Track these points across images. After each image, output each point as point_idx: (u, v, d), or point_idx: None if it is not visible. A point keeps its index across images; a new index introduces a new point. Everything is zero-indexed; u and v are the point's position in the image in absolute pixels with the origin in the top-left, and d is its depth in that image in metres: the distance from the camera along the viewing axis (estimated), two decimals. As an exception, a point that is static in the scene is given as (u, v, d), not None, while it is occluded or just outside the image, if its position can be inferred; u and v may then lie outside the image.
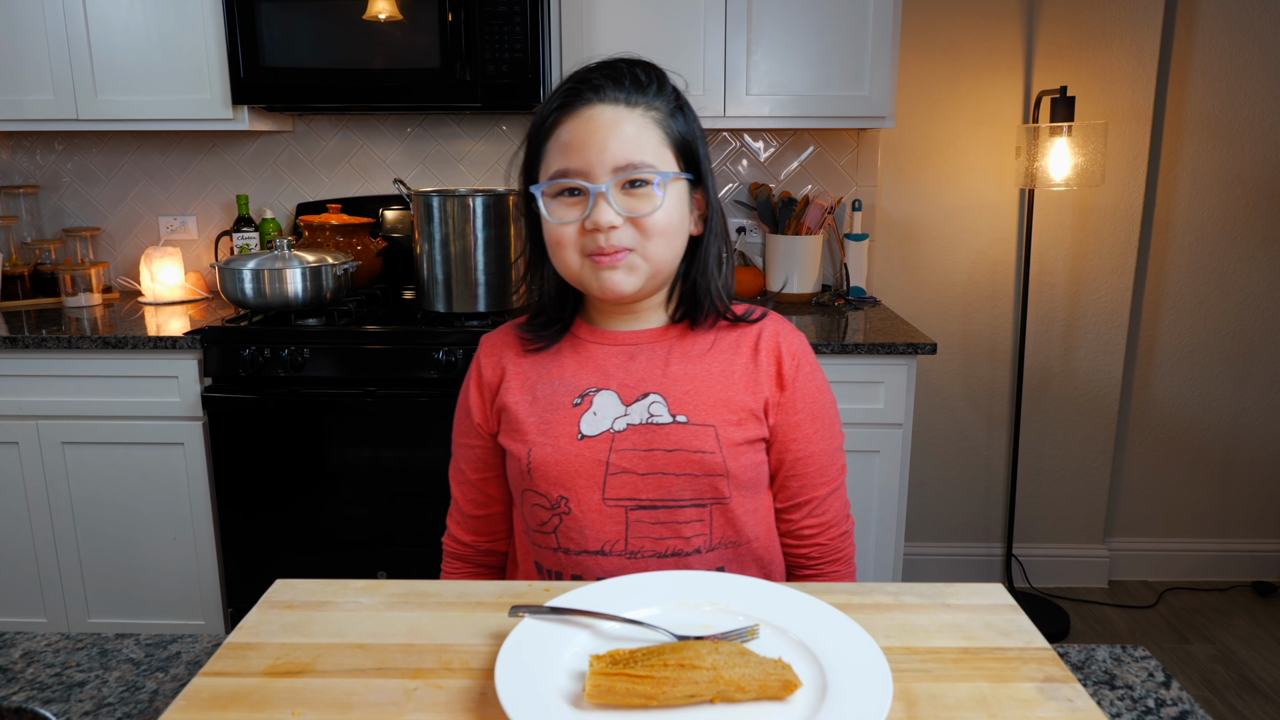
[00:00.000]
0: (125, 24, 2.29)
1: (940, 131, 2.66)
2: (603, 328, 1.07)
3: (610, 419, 1.00)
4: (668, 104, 0.99)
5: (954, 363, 2.79)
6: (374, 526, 2.18)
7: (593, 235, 0.96)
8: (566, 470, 0.99)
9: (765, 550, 1.06)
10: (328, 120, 2.70)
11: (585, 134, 0.95)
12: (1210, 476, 2.87)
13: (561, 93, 0.98)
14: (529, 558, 1.07)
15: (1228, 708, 2.25)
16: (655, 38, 2.28)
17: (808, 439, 1.04)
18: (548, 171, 0.99)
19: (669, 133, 0.98)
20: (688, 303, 1.05)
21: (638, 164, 0.94)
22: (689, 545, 1.00)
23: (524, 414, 1.03)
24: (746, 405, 1.01)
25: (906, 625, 0.79)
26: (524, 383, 1.05)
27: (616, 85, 0.96)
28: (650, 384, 1.02)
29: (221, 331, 2.13)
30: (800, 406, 1.04)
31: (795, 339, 1.07)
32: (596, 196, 0.94)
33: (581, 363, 1.05)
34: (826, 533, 1.08)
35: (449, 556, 1.17)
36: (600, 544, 1.00)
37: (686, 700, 0.66)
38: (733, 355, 1.04)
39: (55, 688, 0.78)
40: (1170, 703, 0.75)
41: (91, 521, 2.24)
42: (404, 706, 0.68)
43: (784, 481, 1.06)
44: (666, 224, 0.97)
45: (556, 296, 1.07)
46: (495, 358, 1.09)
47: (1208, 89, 2.63)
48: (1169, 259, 2.74)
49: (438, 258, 2.13)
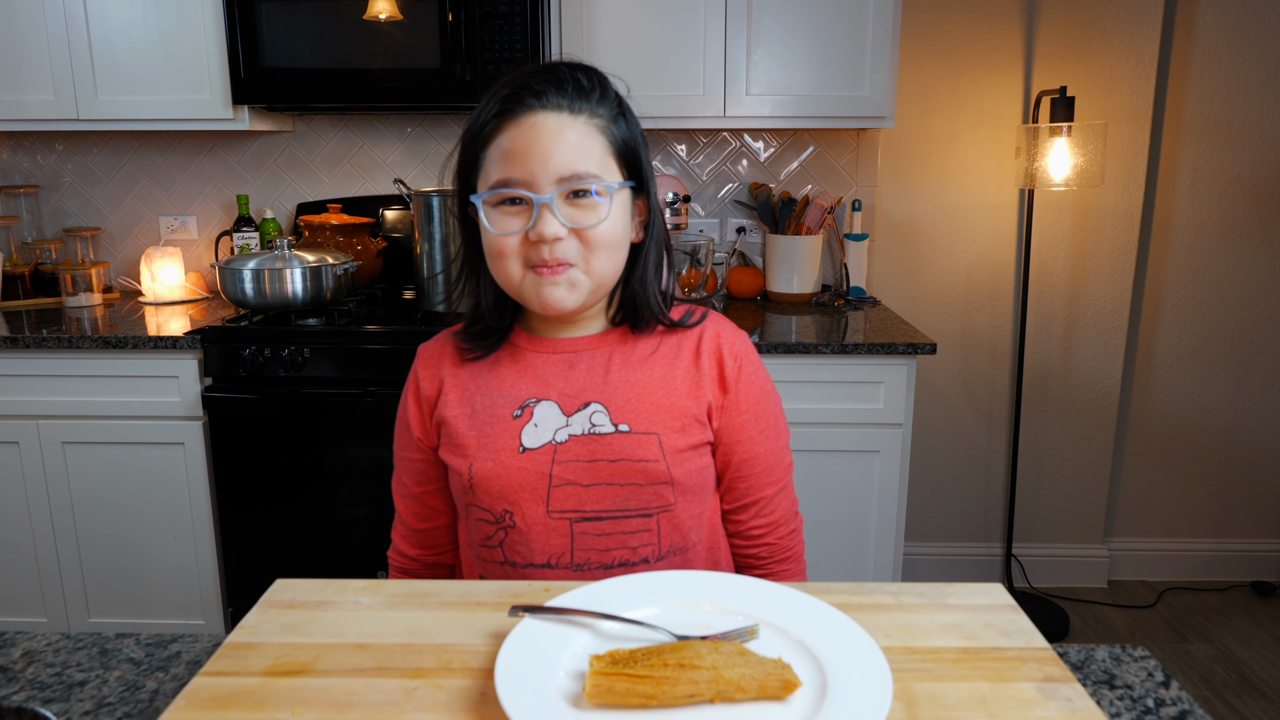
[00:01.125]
0: (126, 24, 2.29)
1: (940, 132, 2.66)
2: (541, 335, 1.04)
3: (552, 430, 0.98)
4: (610, 110, 0.96)
5: (954, 363, 2.79)
6: (374, 526, 2.18)
7: (536, 246, 0.93)
8: (509, 484, 0.97)
9: (711, 553, 1.05)
10: (328, 120, 2.70)
11: (528, 142, 0.92)
12: (1210, 476, 2.87)
13: (500, 98, 0.94)
14: (474, 571, 1.05)
15: (1227, 708, 2.25)
16: (655, 38, 2.28)
17: (753, 440, 1.03)
18: (488, 180, 0.95)
19: (612, 140, 0.95)
20: (627, 309, 1.03)
21: (582, 174, 0.92)
22: (636, 555, 0.98)
23: (463, 428, 1.00)
24: (689, 410, 0.99)
25: (906, 625, 0.79)
26: (462, 395, 1.03)
27: (559, 91, 0.93)
28: (591, 393, 0.99)
29: (221, 331, 2.13)
30: (744, 408, 1.02)
31: (737, 339, 1.05)
32: (540, 207, 0.91)
33: (520, 372, 1.02)
34: (775, 531, 1.07)
35: (395, 571, 1.14)
36: (546, 557, 0.98)
37: (686, 700, 0.66)
38: (674, 360, 1.02)
39: (55, 687, 0.78)
40: (1170, 703, 0.75)
41: (92, 521, 2.24)
42: (404, 706, 0.68)
43: (731, 483, 1.05)
44: (611, 236, 0.95)
45: (495, 304, 1.04)
46: (433, 369, 1.06)
47: (1207, 89, 2.63)
48: (1168, 259, 2.74)
49: (438, 258, 2.13)
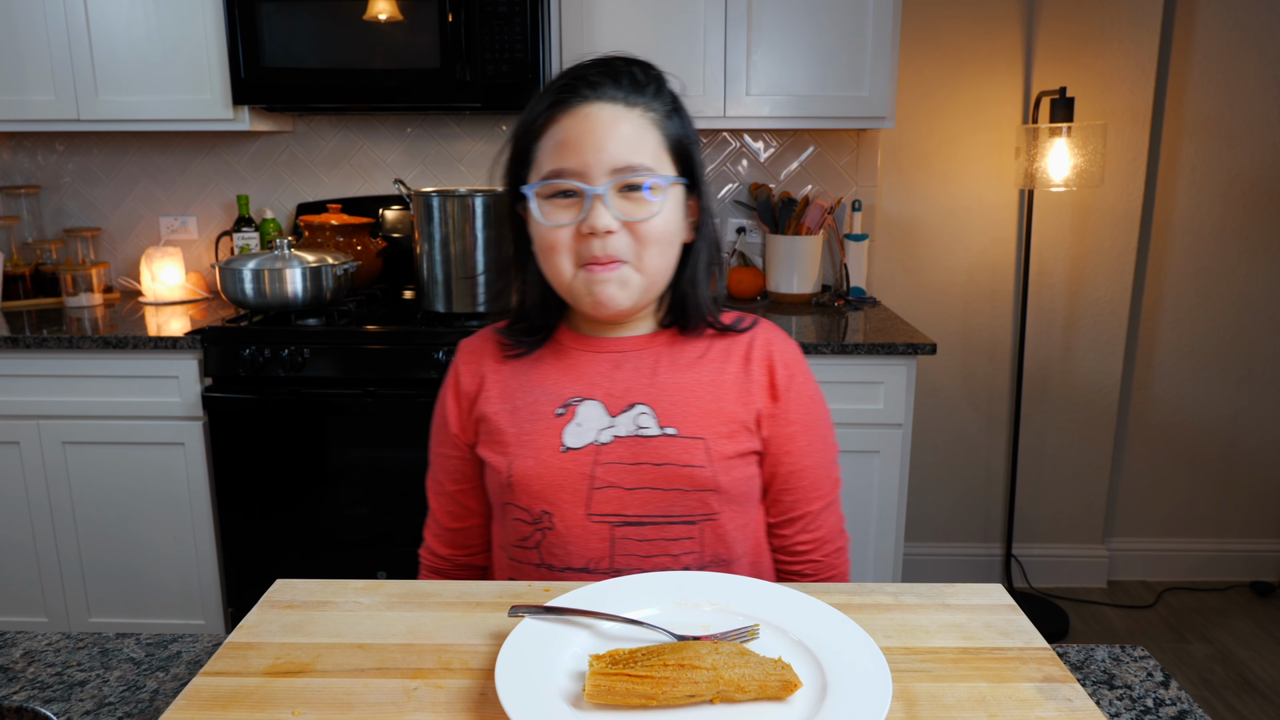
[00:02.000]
0: (126, 24, 2.29)
1: (940, 132, 2.66)
2: (587, 334, 1.02)
3: (595, 430, 0.96)
4: (665, 105, 0.95)
5: (954, 363, 2.79)
6: (374, 526, 2.18)
7: (587, 241, 0.91)
8: (549, 484, 0.95)
9: (754, 568, 1.02)
10: (328, 120, 2.70)
11: (581, 133, 0.91)
12: (1209, 476, 2.87)
13: (555, 89, 0.93)
14: (506, 574, 1.03)
15: (1226, 708, 2.25)
16: (655, 38, 2.29)
17: (802, 452, 1.00)
18: (540, 171, 0.94)
19: (667, 135, 0.94)
20: (676, 310, 1.01)
21: (636, 166, 0.91)
22: (677, 563, 0.96)
23: (504, 424, 0.98)
24: (738, 417, 0.97)
25: (906, 625, 0.79)
26: (504, 391, 1.01)
27: (615, 84, 0.92)
28: (637, 394, 0.97)
29: (222, 331, 2.13)
30: (794, 418, 1.00)
31: (788, 348, 1.03)
32: (593, 199, 0.90)
33: (564, 370, 1.00)
34: (821, 549, 1.04)
35: (425, 570, 1.12)
36: (585, 561, 0.95)
37: (686, 700, 0.66)
38: (723, 365, 1.00)
39: (56, 687, 0.78)
40: (1169, 702, 0.75)
41: (92, 521, 2.24)
42: (404, 706, 0.68)
43: (777, 496, 1.02)
44: (663, 231, 0.93)
45: (540, 302, 1.02)
46: (474, 365, 1.04)
47: (1207, 90, 2.63)
48: (1168, 259, 2.74)
49: (438, 258, 2.13)
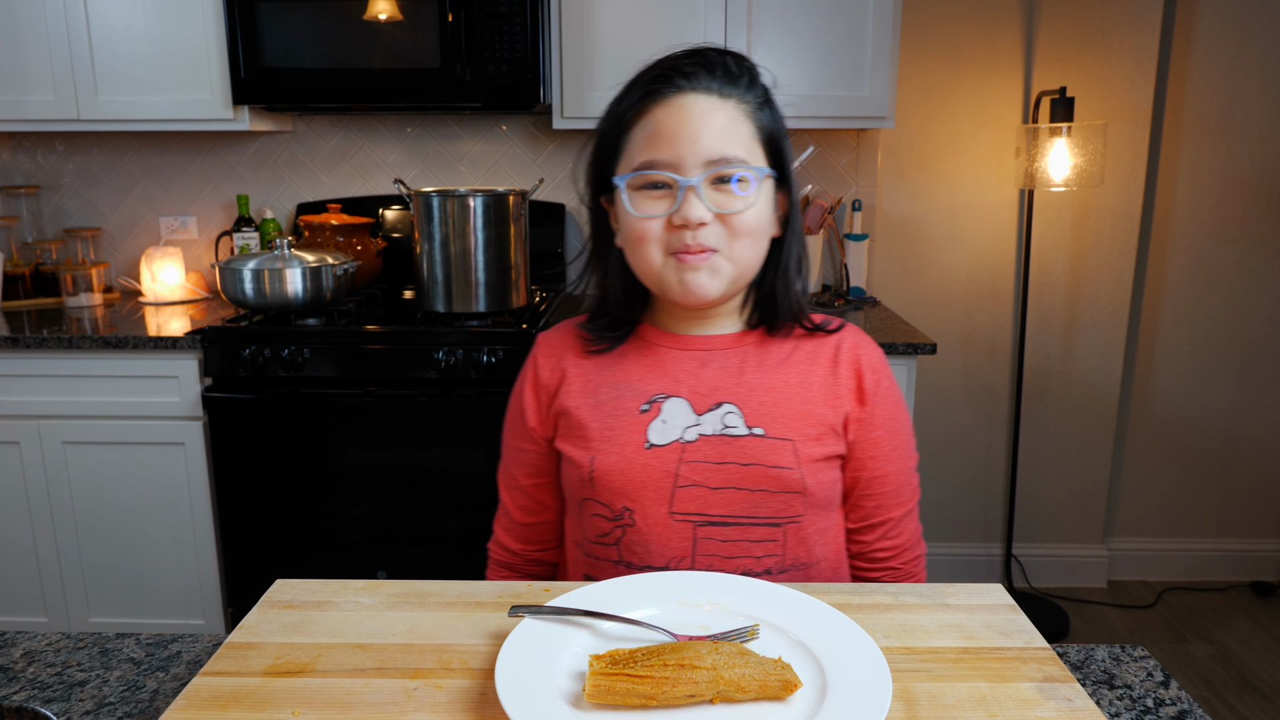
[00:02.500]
0: (126, 24, 2.29)
1: (940, 132, 2.66)
2: (673, 330, 1.01)
3: (681, 428, 0.95)
4: (758, 98, 0.94)
5: (954, 363, 2.79)
6: (374, 526, 2.18)
7: (678, 232, 0.90)
8: (632, 481, 0.94)
9: (834, 572, 1.01)
10: (328, 120, 2.70)
11: (676, 124, 0.90)
12: (1209, 476, 2.87)
13: (648, 80, 0.92)
14: (579, 571, 1.02)
15: (1226, 708, 2.25)
16: (655, 38, 2.28)
17: (885, 457, 0.99)
18: (631, 163, 0.93)
19: (759, 127, 0.93)
20: (764, 308, 1.00)
21: (730, 158, 0.90)
22: (759, 565, 0.94)
23: (587, 418, 0.97)
24: (826, 419, 0.96)
25: (906, 625, 0.79)
26: (586, 385, 1.00)
27: (709, 75, 0.91)
28: (724, 393, 0.96)
29: (221, 331, 2.13)
30: (879, 423, 0.99)
31: (875, 353, 1.02)
32: (686, 190, 0.89)
33: (649, 367, 0.99)
34: (900, 556, 1.03)
35: (495, 564, 1.11)
36: (666, 560, 0.94)
37: (686, 700, 0.66)
38: (810, 367, 0.98)
39: (56, 687, 0.78)
40: (1169, 702, 0.75)
41: (92, 521, 2.24)
42: (404, 706, 0.68)
43: (858, 501, 1.01)
44: (755, 224, 0.92)
45: (623, 297, 1.01)
46: (554, 359, 1.03)
47: (1207, 90, 2.63)
48: (1168, 259, 2.74)
49: (438, 258, 2.13)
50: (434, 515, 2.16)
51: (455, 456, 2.13)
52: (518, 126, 2.69)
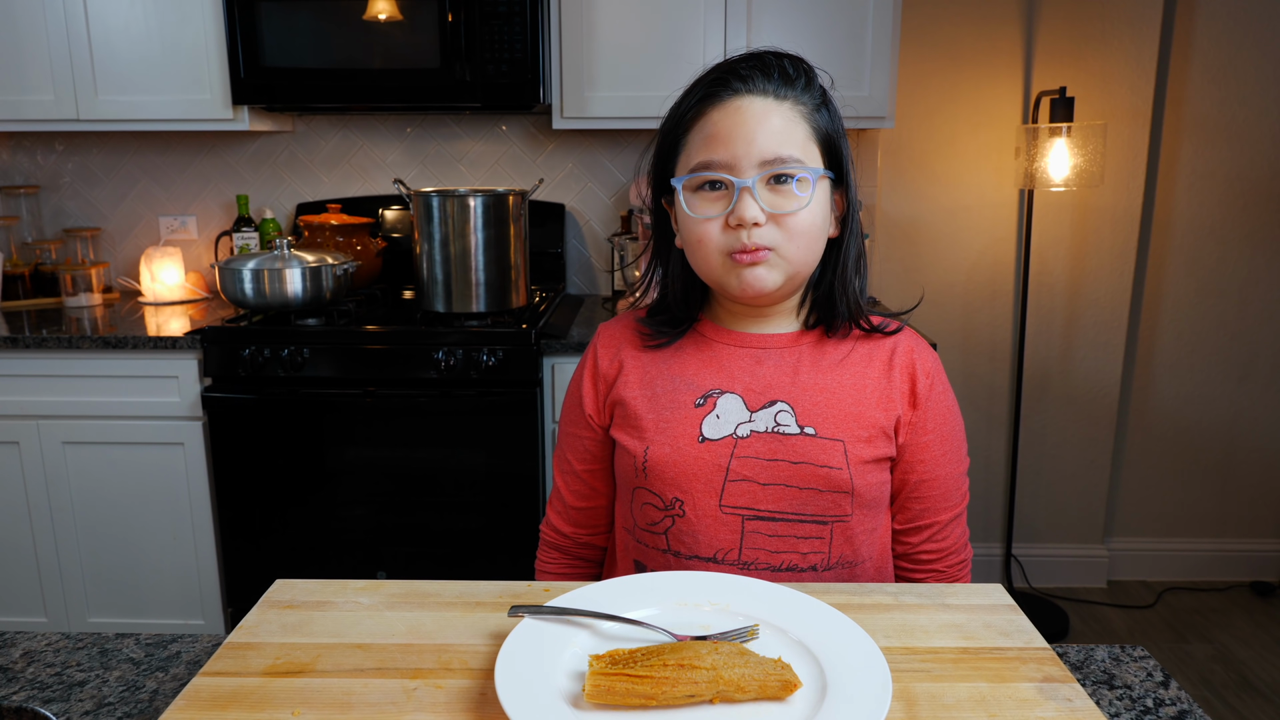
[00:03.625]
0: (125, 24, 2.29)
1: (940, 132, 2.66)
2: (730, 327, 1.02)
3: (734, 424, 0.96)
4: (814, 99, 0.95)
5: (954, 363, 2.79)
6: (374, 526, 2.18)
7: (735, 232, 0.91)
8: (684, 472, 0.96)
9: (879, 573, 1.02)
10: (328, 120, 2.70)
11: (732, 125, 0.91)
12: (1209, 476, 2.87)
13: (706, 83, 0.94)
14: (629, 556, 1.04)
15: (1226, 708, 2.25)
16: (654, 38, 2.28)
17: (935, 461, 1.00)
18: (688, 164, 0.94)
19: (815, 128, 0.94)
20: (822, 308, 1.01)
21: (785, 158, 0.91)
22: (805, 561, 0.96)
23: (642, 410, 0.99)
24: (877, 422, 0.97)
25: (906, 625, 0.79)
26: (643, 377, 1.02)
27: (765, 77, 0.93)
28: (778, 391, 0.97)
29: (221, 331, 2.13)
30: (931, 427, 1.00)
31: (930, 356, 1.02)
32: (741, 191, 0.90)
33: (705, 362, 1.00)
34: (945, 559, 1.03)
35: (546, 546, 1.14)
36: (713, 551, 0.96)
37: (686, 700, 0.66)
38: (865, 369, 0.99)
39: (55, 687, 0.78)
40: (1169, 702, 0.75)
41: (92, 521, 2.24)
42: (404, 706, 0.68)
43: (905, 503, 1.02)
44: (810, 224, 0.93)
45: (683, 294, 1.03)
46: (613, 350, 1.05)
47: (1207, 90, 2.63)
48: (1168, 259, 2.74)
49: (437, 258, 2.13)
50: (434, 515, 2.16)
51: (455, 456, 2.13)
52: (517, 126, 2.69)
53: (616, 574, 1.07)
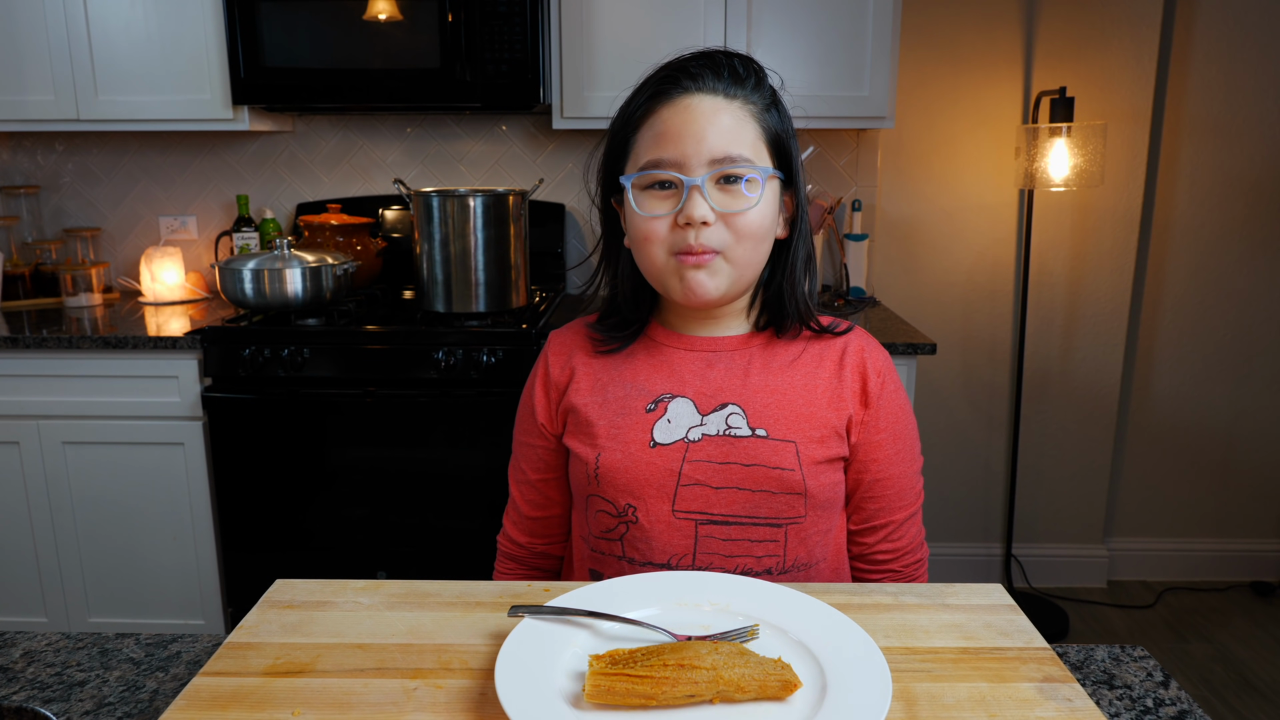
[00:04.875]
0: (126, 24, 2.29)
1: (940, 132, 2.66)
2: (680, 331, 1.02)
3: (685, 428, 0.96)
4: (764, 99, 0.95)
5: (954, 363, 2.79)
6: (374, 526, 2.18)
7: (682, 232, 0.91)
8: (636, 478, 0.95)
9: (835, 575, 1.02)
10: (328, 120, 2.70)
11: (682, 124, 0.91)
12: (1209, 476, 2.87)
13: (655, 81, 0.94)
14: (585, 564, 1.03)
15: (1226, 708, 2.25)
16: (655, 38, 2.28)
17: (888, 460, 1.00)
18: (638, 162, 0.94)
19: (765, 128, 0.94)
20: (772, 310, 1.01)
21: (735, 157, 0.90)
22: (760, 565, 0.95)
23: (594, 416, 0.99)
24: (829, 422, 0.97)
25: (906, 625, 0.79)
26: (594, 384, 1.01)
27: (715, 76, 0.92)
28: (729, 394, 0.97)
29: (221, 331, 2.13)
30: (883, 426, 0.99)
31: (880, 355, 1.02)
32: (690, 189, 0.90)
33: (656, 367, 1.00)
34: (901, 559, 1.03)
35: (503, 556, 1.13)
36: (668, 556, 0.96)
37: (686, 700, 0.66)
38: (816, 369, 0.99)
39: (56, 687, 0.78)
40: (1169, 702, 0.75)
41: (92, 521, 2.24)
42: (404, 706, 0.68)
43: (860, 503, 1.02)
44: (759, 225, 0.92)
45: (632, 297, 1.02)
46: (564, 357, 1.05)
47: (1207, 90, 2.63)
48: (1168, 259, 2.74)
49: (437, 258, 2.13)
50: (434, 515, 2.16)
51: (455, 456, 2.13)
52: (518, 126, 2.69)
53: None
